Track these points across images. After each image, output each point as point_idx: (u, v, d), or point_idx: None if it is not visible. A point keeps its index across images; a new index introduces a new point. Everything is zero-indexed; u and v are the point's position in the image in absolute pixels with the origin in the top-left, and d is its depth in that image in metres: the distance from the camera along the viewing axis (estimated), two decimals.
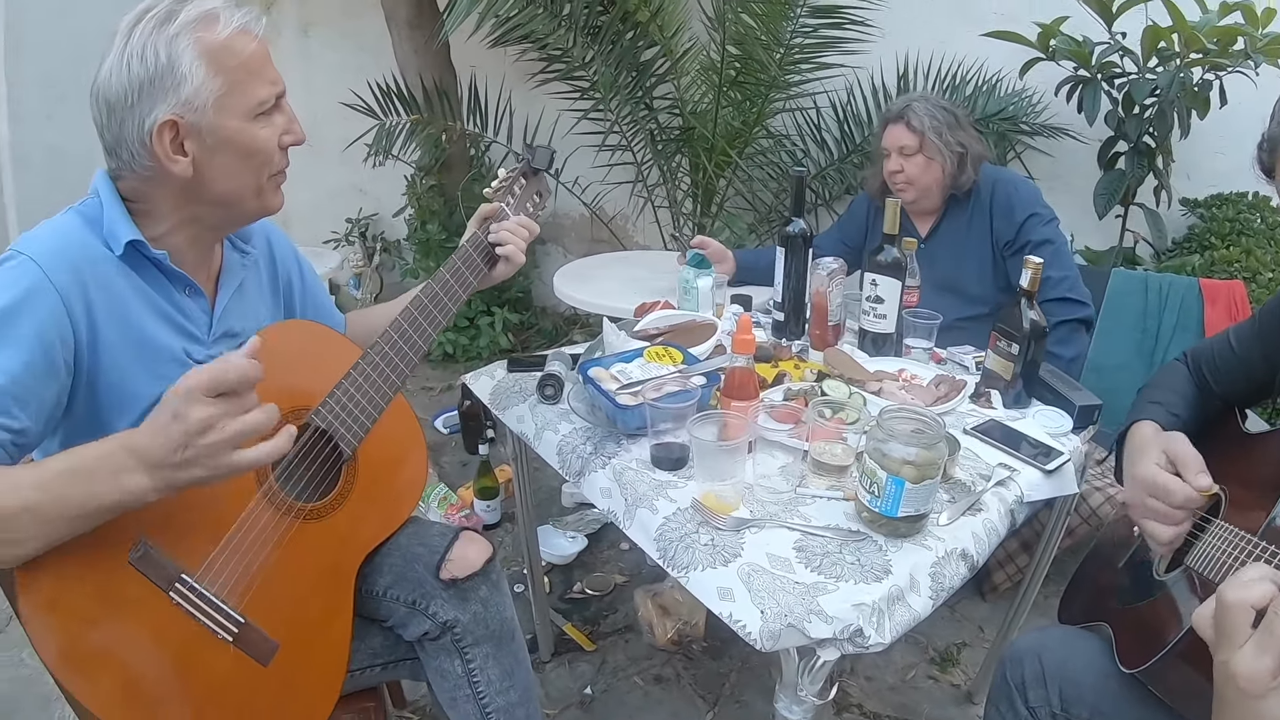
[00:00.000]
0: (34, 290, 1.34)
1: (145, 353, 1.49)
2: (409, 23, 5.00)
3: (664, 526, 1.64)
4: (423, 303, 1.74)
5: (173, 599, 1.39)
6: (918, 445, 1.51)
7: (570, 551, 3.33)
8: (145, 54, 1.39)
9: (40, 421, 1.36)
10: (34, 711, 2.79)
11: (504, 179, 2.00)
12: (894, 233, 2.32)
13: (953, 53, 4.27)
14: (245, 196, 1.53)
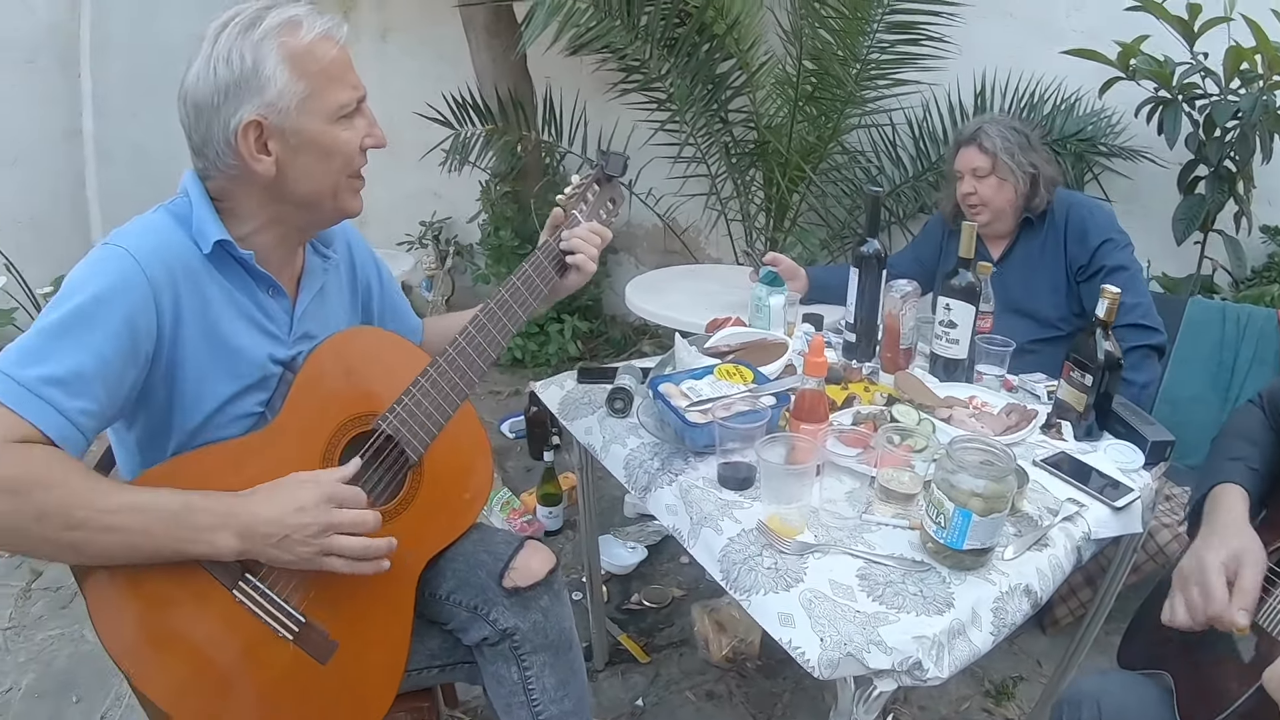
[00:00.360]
0: (126, 280, 1.39)
1: (224, 352, 1.53)
2: (487, 30, 5.04)
3: (728, 547, 1.63)
4: (492, 310, 1.77)
5: (236, 597, 1.45)
6: (987, 477, 1.49)
7: (630, 562, 3.33)
8: (231, 58, 1.45)
9: (115, 406, 1.42)
10: (91, 687, 2.87)
11: (577, 186, 2.01)
12: (969, 257, 2.29)
13: (1031, 71, 4.20)
14: (324, 197, 1.57)
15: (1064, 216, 2.86)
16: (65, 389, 1.32)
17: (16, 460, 1.27)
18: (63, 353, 1.33)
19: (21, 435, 1.29)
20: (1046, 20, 4.20)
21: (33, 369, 1.31)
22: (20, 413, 1.29)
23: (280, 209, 1.57)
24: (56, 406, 1.31)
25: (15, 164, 4.91)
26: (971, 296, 2.29)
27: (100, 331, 1.36)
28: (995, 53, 4.28)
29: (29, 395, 1.30)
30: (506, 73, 5.06)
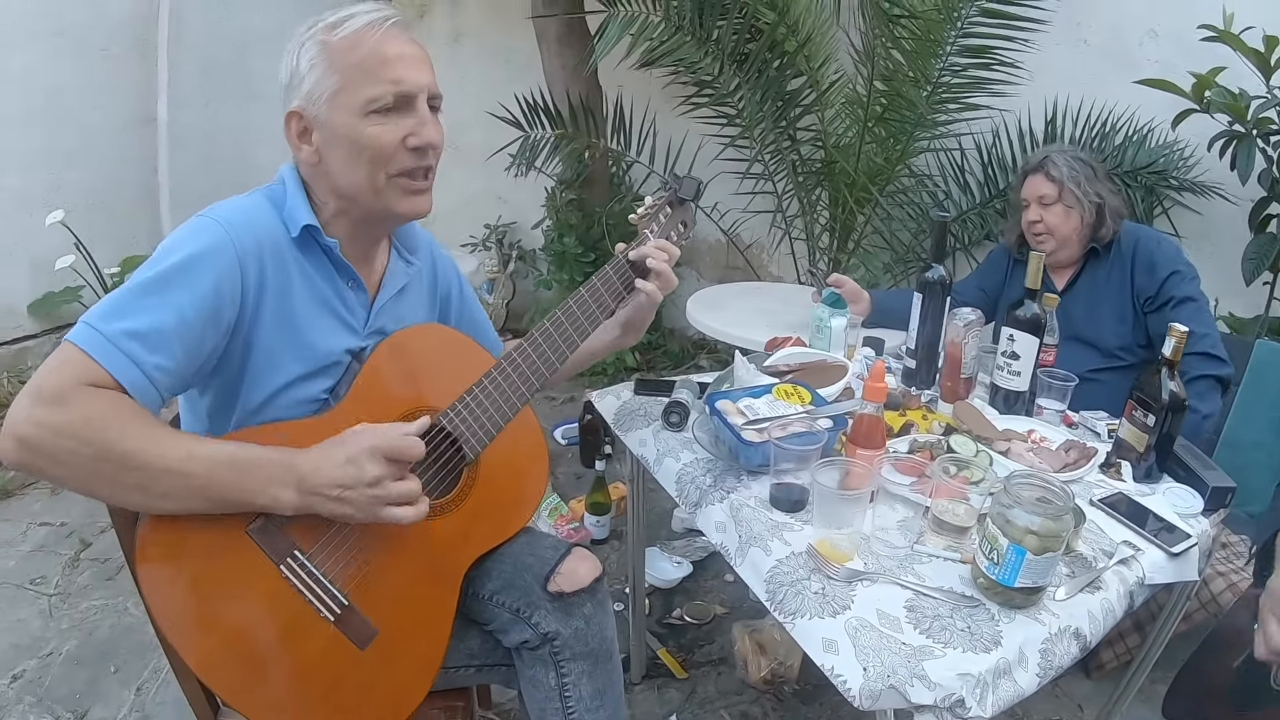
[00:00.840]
0: (217, 249, 1.46)
1: (297, 334, 1.58)
2: (559, 40, 5.06)
3: (775, 569, 1.62)
4: (559, 320, 1.79)
5: (283, 573, 1.48)
6: (1043, 515, 1.46)
7: (674, 576, 3.32)
8: (289, 57, 1.58)
9: (191, 370, 1.47)
10: (131, 658, 2.93)
11: (650, 206, 2.02)
12: (1035, 288, 2.26)
13: (1103, 99, 4.15)
14: (361, 192, 1.58)
15: (1131, 247, 2.85)
16: (145, 343, 1.37)
17: (84, 401, 1.32)
18: (147, 310, 1.38)
19: (97, 381, 1.34)
20: (1121, 48, 4.16)
21: (116, 322, 1.36)
22: (100, 361, 1.34)
23: (340, 202, 1.61)
24: (134, 359, 1.36)
25: (93, 149, 5.01)
26: (1036, 328, 2.26)
27: (186, 294, 1.41)
28: (1067, 80, 4.23)
29: (110, 345, 1.35)
30: (577, 81, 5.08)
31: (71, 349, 1.35)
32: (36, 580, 3.38)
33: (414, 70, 1.56)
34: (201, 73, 5.36)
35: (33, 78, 4.66)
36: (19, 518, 3.84)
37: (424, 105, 1.58)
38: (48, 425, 1.30)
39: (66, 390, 1.32)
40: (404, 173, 1.58)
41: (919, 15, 3.98)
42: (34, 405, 1.31)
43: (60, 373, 1.33)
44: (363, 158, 1.54)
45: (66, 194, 4.85)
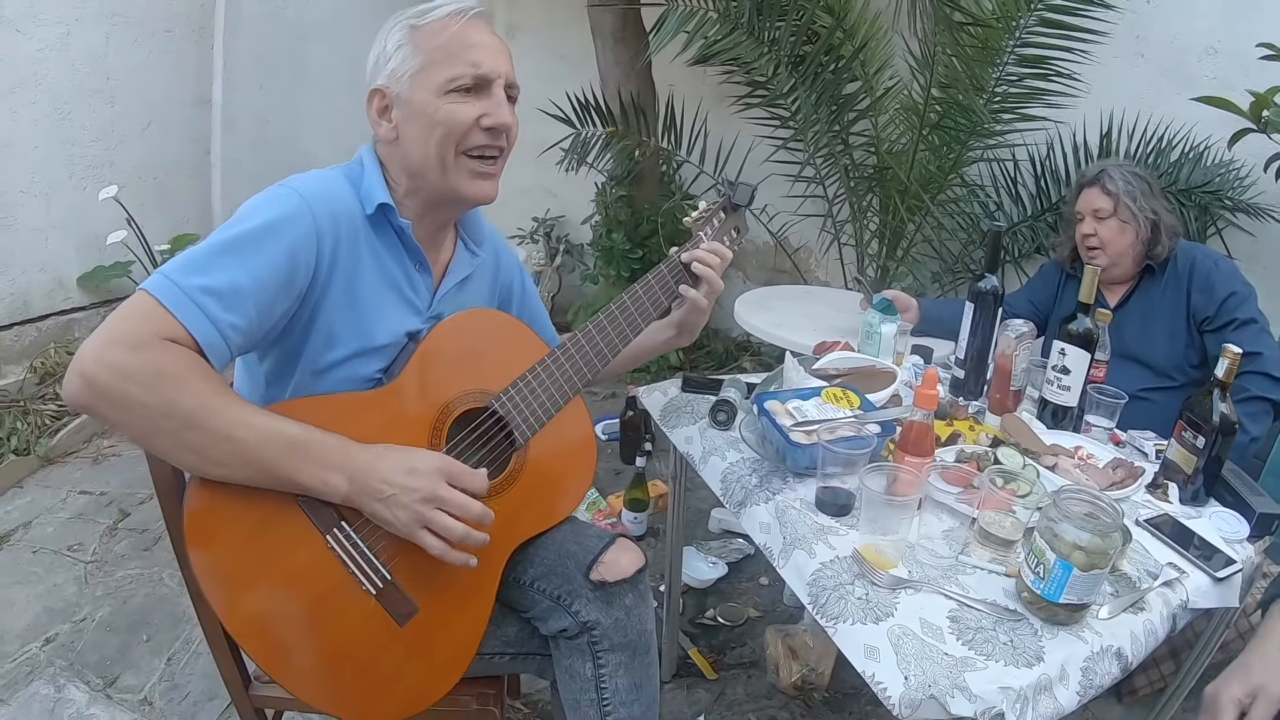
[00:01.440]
0: (295, 216, 1.50)
1: (362, 310, 1.62)
2: (614, 36, 5.06)
3: (819, 572, 1.61)
4: (613, 314, 1.82)
5: (329, 542, 1.50)
6: (1092, 531, 1.45)
7: (709, 576, 3.31)
8: (377, 42, 1.67)
9: (260, 333, 1.50)
10: (163, 628, 2.96)
11: (704, 210, 2.03)
12: (1089, 302, 2.24)
13: (1160, 115, 4.11)
14: (430, 168, 1.63)
15: (1187, 266, 2.81)
16: (221, 300, 1.40)
17: (160, 353, 1.34)
18: (225, 268, 1.42)
19: (171, 334, 1.36)
20: (1179, 64, 4.12)
21: (194, 278, 1.39)
22: (176, 314, 1.37)
23: (411, 181, 1.66)
24: (209, 315, 1.39)
25: (147, 127, 5.09)
26: (1088, 344, 2.24)
27: (263, 257, 1.45)
28: (1123, 94, 4.20)
29: (186, 300, 1.38)
30: (630, 78, 5.08)
31: (147, 299, 1.37)
32: (74, 547, 3.43)
33: (493, 57, 1.63)
34: (256, 58, 5.41)
35: (93, 58, 4.71)
36: (59, 485, 3.90)
37: (500, 90, 1.64)
38: (119, 370, 1.32)
39: (143, 339, 1.34)
40: (474, 150, 1.64)
41: (982, 23, 3.94)
42: (106, 348, 1.33)
43: (136, 321, 1.36)
44: (436, 133, 1.60)
45: (119, 171, 4.92)
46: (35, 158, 4.53)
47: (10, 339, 4.58)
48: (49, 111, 4.55)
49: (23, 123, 4.44)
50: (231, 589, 1.45)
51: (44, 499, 3.77)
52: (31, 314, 4.69)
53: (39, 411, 4.30)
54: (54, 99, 4.56)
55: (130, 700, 2.67)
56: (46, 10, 4.42)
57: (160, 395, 1.33)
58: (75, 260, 4.84)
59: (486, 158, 1.66)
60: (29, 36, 4.37)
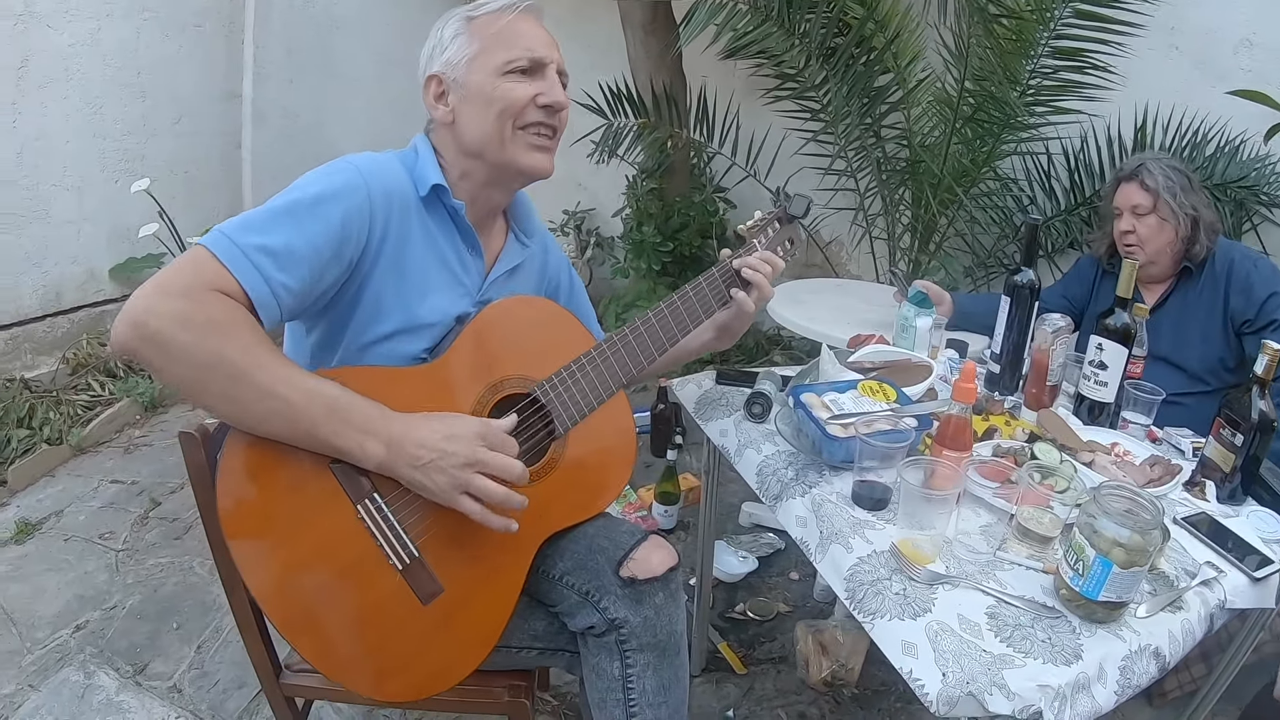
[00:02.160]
0: (351, 188, 1.56)
1: (410, 285, 1.66)
2: (644, 28, 5.05)
3: (856, 567, 1.60)
4: (662, 313, 1.84)
5: (359, 513, 1.52)
6: (1132, 528, 1.43)
7: (739, 571, 3.30)
8: (433, 34, 1.74)
9: (311, 298, 1.55)
10: (193, 616, 3.00)
11: (759, 220, 2.04)
12: (1127, 296, 2.20)
13: (1195, 108, 4.05)
14: (489, 144, 1.69)
15: (1225, 266, 2.76)
16: (275, 260, 1.45)
17: (212, 302, 1.39)
18: (281, 230, 1.46)
19: (224, 287, 1.41)
20: (1213, 57, 4.07)
21: (251, 237, 1.44)
22: (230, 268, 1.41)
23: (467, 163, 1.73)
24: (263, 273, 1.43)
25: (179, 121, 5.16)
26: (1125, 338, 2.21)
27: (319, 224, 1.50)
28: (1158, 87, 4.14)
29: (242, 256, 1.42)
30: (661, 69, 5.06)
31: (203, 252, 1.42)
32: (105, 536, 3.46)
33: (545, 45, 1.74)
34: (286, 52, 5.50)
35: (124, 52, 4.77)
36: (91, 474, 3.93)
37: (553, 73, 1.73)
38: (170, 316, 1.35)
39: (195, 289, 1.38)
40: (531, 127, 1.71)
41: (1017, 14, 3.90)
42: (159, 296, 1.36)
43: (190, 271, 1.40)
44: (494, 109, 1.67)
45: (151, 163, 4.98)
46: (67, 151, 4.58)
47: (43, 330, 4.63)
48: (80, 106, 4.61)
49: (55, 117, 4.49)
50: (258, 549, 1.46)
51: (76, 488, 3.81)
52: (64, 305, 4.75)
53: (71, 402, 4.35)
54: (85, 93, 4.62)
55: (159, 687, 2.69)
56: (78, 6, 4.47)
57: (208, 344, 1.36)
58: (107, 252, 4.90)
59: (542, 134, 1.72)
60: (60, 32, 4.42)
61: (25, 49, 4.29)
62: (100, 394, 4.49)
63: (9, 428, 4.01)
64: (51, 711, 2.57)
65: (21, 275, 4.51)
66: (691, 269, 5.42)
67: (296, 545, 1.48)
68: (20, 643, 2.85)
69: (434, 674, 1.61)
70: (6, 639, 2.86)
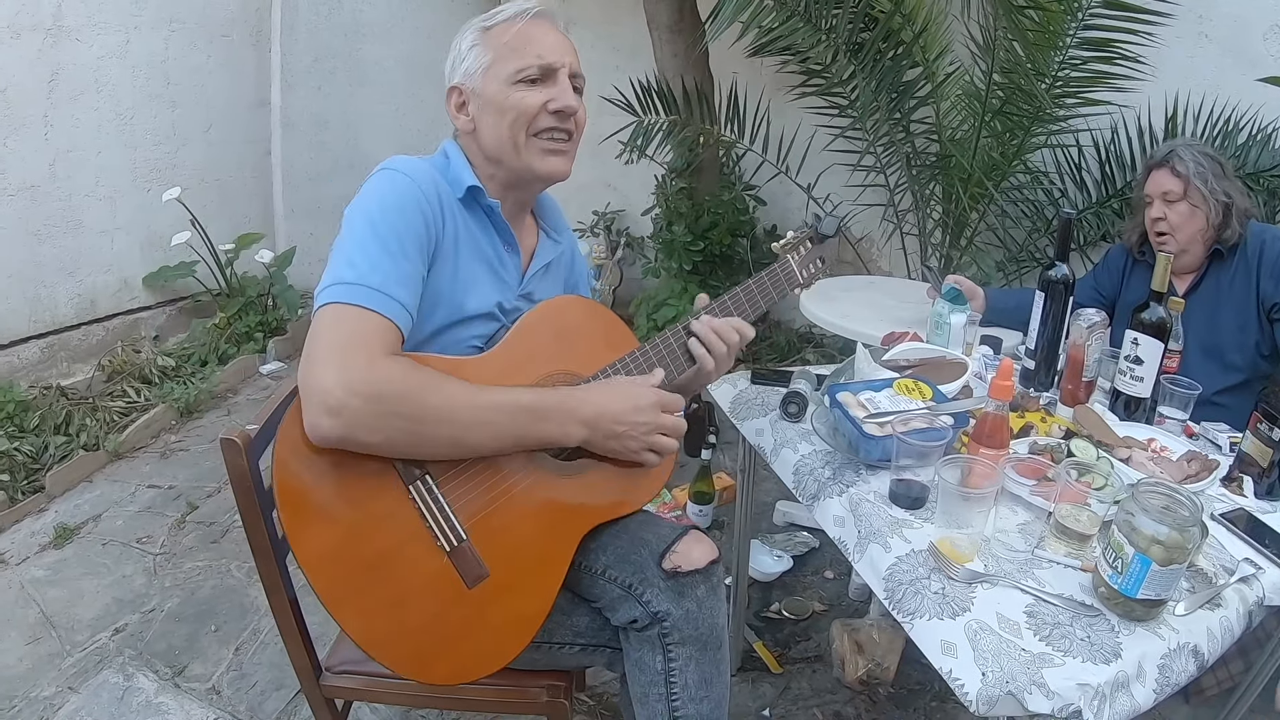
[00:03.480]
0: (414, 193, 1.62)
1: (458, 281, 1.70)
2: (670, 27, 5.04)
3: (895, 567, 1.59)
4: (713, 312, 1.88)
5: (410, 493, 1.56)
6: (1170, 525, 1.41)
7: (774, 570, 3.29)
8: (454, 46, 1.79)
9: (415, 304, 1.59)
10: (231, 618, 3.03)
11: (792, 238, 2.05)
12: (1162, 290, 2.17)
13: (1226, 96, 4.01)
14: (505, 151, 1.74)
15: (1258, 251, 2.70)
16: (406, 288, 1.54)
17: (394, 367, 1.46)
18: (394, 261, 1.54)
19: (391, 338, 1.50)
20: (1243, 44, 4.02)
21: (378, 277, 1.51)
22: (385, 314, 1.49)
23: (491, 168, 1.78)
24: (404, 305, 1.53)
25: (209, 130, 5.20)
26: (1161, 333, 2.18)
27: (409, 239, 1.57)
28: (1188, 75, 4.10)
29: (385, 298, 1.50)
30: (689, 68, 5.05)
31: (354, 311, 1.48)
32: (143, 540, 3.50)
33: (556, 50, 1.75)
34: (314, 60, 5.55)
35: (153, 63, 4.83)
36: (129, 479, 3.97)
37: (565, 79, 1.75)
38: (365, 395, 1.42)
39: (374, 356, 1.45)
40: (544, 133, 1.74)
41: (1042, 6, 3.86)
42: (348, 374, 1.42)
43: (361, 339, 1.46)
44: (507, 119, 1.71)
45: (183, 172, 5.04)
46: (99, 162, 4.64)
47: (79, 338, 4.69)
48: (111, 117, 4.66)
49: (86, 128, 4.55)
50: (307, 519, 1.48)
51: (113, 493, 3.84)
52: (99, 314, 4.81)
53: (107, 408, 4.39)
54: (116, 104, 4.67)
55: (198, 689, 2.72)
56: (106, 18, 4.52)
57: (412, 408, 1.45)
58: (140, 261, 4.95)
59: (556, 138, 1.76)
60: (89, 45, 4.48)
61: (55, 62, 4.34)
62: (135, 400, 4.53)
63: (46, 434, 4.05)
64: (91, 713, 2.60)
65: (57, 285, 4.57)
66: (722, 268, 5.44)
67: (346, 519, 1.50)
68: (60, 645, 2.88)
69: (475, 658, 1.62)
70: (47, 642, 2.90)
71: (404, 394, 1.44)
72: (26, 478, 3.81)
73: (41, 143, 4.35)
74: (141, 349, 4.82)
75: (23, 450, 3.89)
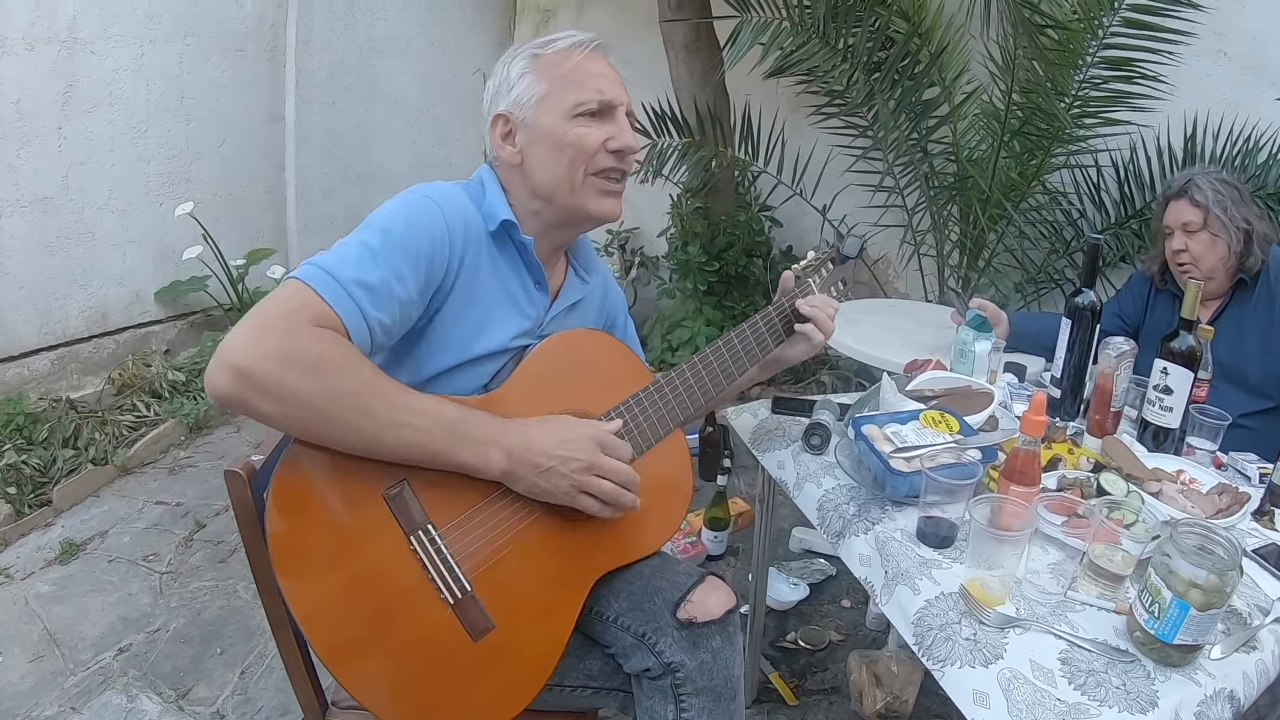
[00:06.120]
0: (432, 219, 1.55)
1: (477, 318, 1.64)
2: (686, 47, 5.06)
3: (924, 610, 1.54)
4: (720, 352, 1.83)
5: (411, 544, 1.49)
6: (1208, 568, 1.36)
7: (790, 599, 3.24)
8: (499, 71, 1.73)
9: (395, 334, 1.53)
10: (237, 641, 2.99)
11: (813, 260, 2.03)
12: (1192, 319, 2.13)
13: (1245, 115, 4.00)
14: (559, 189, 1.67)
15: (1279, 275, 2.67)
16: (372, 297, 1.44)
17: (318, 338, 1.36)
18: (376, 266, 1.45)
19: (325, 321, 1.39)
20: (1261, 61, 4.03)
21: (348, 270, 1.43)
22: (331, 303, 1.40)
23: (535, 203, 1.71)
24: (362, 308, 1.42)
25: (223, 144, 5.19)
26: (1191, 362, 2.13)
27: (409, 259, 1.49)
28: (1207, 94, 4.10)
29: (342, 291, 1.41)
30: (705, 89, 5.07)
31: (302, 287, 1.40)
32: (149, 558, 3.47)
33: (615, 86, 1.71)
34: (328, 75, 5.55)
35: (168, 77, 4.82)
36: (136, 495, 3.95)
37: (623, 116, 1.72)
38: (276, 356, 1.32)
39: (299, 325, 1.36)
40: (602, 172, 1.69)
41: (1064, 25, 3.84)
42: (262, 336, 1.34)
43: (292, 306, 1.38)
44: (565, 155, 1.66)
45: (195, 187, 5.03)
46: (113, 175, 4.62)
47: (89, 351, 4.67)
48: (125, 130, 4.65)
49: (100, 141, 4.53)
50: (305, 572, 1.43)
51: (120, 508, 3.82)
52: (110, 327, 4.78)
53: (116, 422, 4.36)
54: (130, 118, 4.66)
55: (202, 713, 2.69)
56: (121, 32, 4.52)
57: (324, 381, 1.35)
58: (152, 274, 4.93)
59: (612, 177, 1.71)
60: (104, 58, 4.47)
61: (70, 74, 4.32)
62: (145, 414, 4.50)
63: (55, 448, 4.02)
64: None
65: (68, 297, 4.54)
66: (738, 289, 5.42)
67: (345, 574, 1.45)
68: (64, 664, 2.85)
69: (481, 712, 1.56)
70: (50, 660, 2.87)
71: (317, 367, 1.34)
72: (34, 491, 3.79)
73: (55, 155, 4.33)
74: (152, 363, 4.80)
75: (30, 463, 3.86)
